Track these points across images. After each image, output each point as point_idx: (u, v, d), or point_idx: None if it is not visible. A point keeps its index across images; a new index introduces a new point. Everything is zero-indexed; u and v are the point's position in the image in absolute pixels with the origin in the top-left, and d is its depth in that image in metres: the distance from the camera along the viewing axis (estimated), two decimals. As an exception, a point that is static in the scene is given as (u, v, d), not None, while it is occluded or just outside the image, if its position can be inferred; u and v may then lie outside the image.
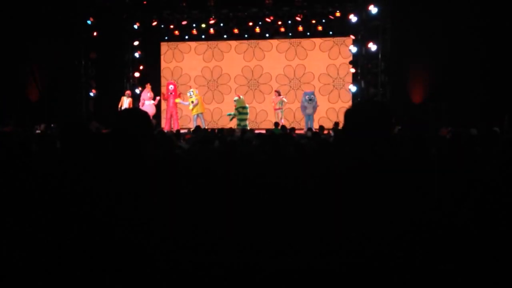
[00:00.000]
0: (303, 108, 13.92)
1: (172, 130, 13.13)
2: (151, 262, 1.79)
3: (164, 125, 14.44)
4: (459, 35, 11.81)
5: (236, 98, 13.95)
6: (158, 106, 15.15)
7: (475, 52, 11.57)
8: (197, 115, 14.24)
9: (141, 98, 14.40)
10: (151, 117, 2.17)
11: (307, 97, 13.84)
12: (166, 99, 14.56)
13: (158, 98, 14.52)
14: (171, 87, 14.50)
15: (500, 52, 11.33)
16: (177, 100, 14.42)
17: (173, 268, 1.77)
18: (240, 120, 13.68)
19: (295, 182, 2.48)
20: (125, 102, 13.86)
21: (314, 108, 13.77)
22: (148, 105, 13.98)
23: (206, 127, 13.03)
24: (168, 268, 1.77)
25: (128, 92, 14.17)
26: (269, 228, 1.96)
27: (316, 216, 1.70)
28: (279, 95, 14.03)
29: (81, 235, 1.85)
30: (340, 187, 1.69)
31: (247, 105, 14.10)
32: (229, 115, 14.09)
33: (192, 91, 14.34)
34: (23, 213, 2.01)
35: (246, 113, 13.91)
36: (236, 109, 13.79)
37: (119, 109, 13.76)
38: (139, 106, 14.05)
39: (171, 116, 14.45)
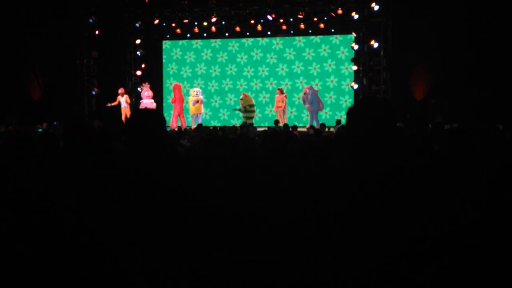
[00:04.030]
0: (303, 102, 14.05)
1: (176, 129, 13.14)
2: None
3: (171, 124, 14.42)
4: (461, 31, 11.77)
5: (242, 96, 14.08)
6: (160, 105, 15.14)
7: (477, 48, 11.53)
8: (195, 115, 14.43)
9: (141, 97, 14.32)
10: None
11: (303, 91, 14.02)
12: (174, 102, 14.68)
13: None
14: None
15: (503, 48, 11.28)
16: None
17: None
18: (247, 118, 13.78)
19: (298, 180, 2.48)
20: (122, 100, 13.79)
21: (311, 102, 13.67)
22: (146, 104, 13.88)
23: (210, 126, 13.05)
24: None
25: (121, 90, 13.95)
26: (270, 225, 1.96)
27: (318, 215, 1.70)
28: (282, 93, 14.04)
29: (87, 233, 1.86)
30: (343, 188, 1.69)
31: (254, 103, 14.26)
32: (234, 109, 14.14)
33: (193, 91, 14.53)
34: (26, 211, 2.02)
35: (254, 111, 14.07)
36: (244, 106, 13.91)
37: (112, 106, 13.81)
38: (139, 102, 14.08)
39: (179, 115, 14.50)
